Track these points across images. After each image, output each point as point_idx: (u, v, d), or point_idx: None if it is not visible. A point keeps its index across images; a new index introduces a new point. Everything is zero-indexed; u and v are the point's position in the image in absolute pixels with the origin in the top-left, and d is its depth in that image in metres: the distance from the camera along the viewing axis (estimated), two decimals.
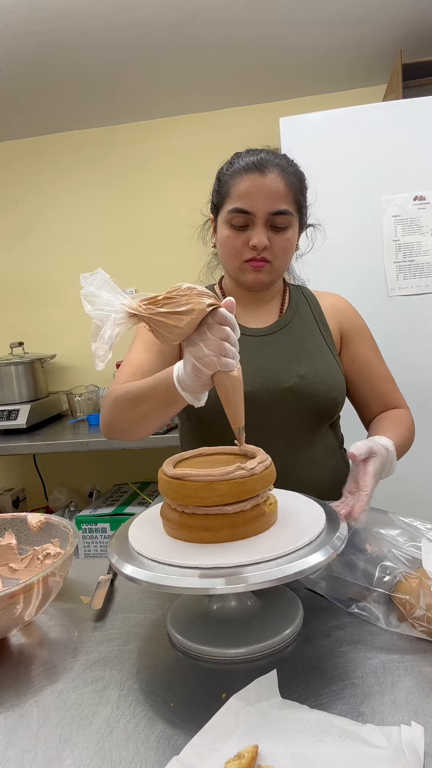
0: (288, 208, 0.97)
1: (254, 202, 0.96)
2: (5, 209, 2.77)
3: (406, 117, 1.76)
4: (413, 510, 0.95)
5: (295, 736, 0.54)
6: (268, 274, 1.02)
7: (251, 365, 1.02)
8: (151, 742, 0.56)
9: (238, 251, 1.00)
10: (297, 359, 1.03)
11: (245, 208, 0.96)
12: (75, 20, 1.85)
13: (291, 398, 1.00)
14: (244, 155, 1.01)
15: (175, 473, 0.69)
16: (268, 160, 0.97)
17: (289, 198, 0.98)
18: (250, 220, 0.97)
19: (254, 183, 0.96)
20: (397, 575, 0.73)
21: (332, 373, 1.04)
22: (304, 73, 2.32)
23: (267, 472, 0.70)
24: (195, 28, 1.95)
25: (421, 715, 0.56)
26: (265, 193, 0.96)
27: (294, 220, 1.00)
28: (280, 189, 0.96)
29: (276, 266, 1.01)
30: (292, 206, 0.99)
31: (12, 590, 0.67)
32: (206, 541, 0.68)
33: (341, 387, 1.05)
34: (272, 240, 0.98)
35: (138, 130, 2.65)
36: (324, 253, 1.85)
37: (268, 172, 0.96)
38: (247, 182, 0.96)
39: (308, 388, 1.01)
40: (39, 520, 0.91)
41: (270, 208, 0.96)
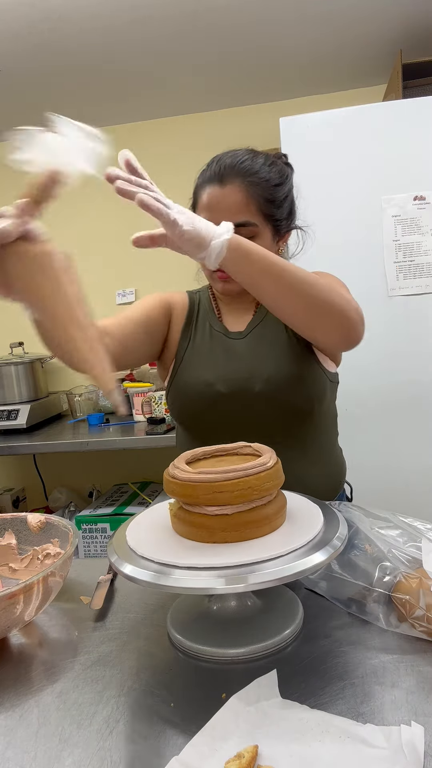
0: (249, 219, 0.95)
1: (214, 215, 0.94)
2: None
3: (406, 117, 1.76)
4: (413, 510, 0.95)
5: (295, 736, 0.54)
6: (236, 283, 0.97)
7: (233, 366, 1.04)
8: (151, 742, 0.56)
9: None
10: (266, 361, 1.03)
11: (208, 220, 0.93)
12: (75, 20, 1.85)
13: (262, 401, 1.01)
14: (213, 161, 0.98)
15: (180, 472, 0.69)
16: (229, 170, 0.94)
17: (251, 208, 0.95)
18: None
19: (213, 195, 0.94)
20: (397, 575, 0.73)
21: (300, 371, 1.03)
22: (304, 73, 2.32)
23: (272, 472, 0.70)
24: (195, 28, 1.95)
25: (421, 715, 0.56)
26: (224, 206, 0.94)
27: (260, 230, 0.97)
28: (239, 201, 0.94)
29: None
30: (256, 216, 0.96)
31: (12, 590, 0.67)
32: (212, 541, 0.68)
33: (312, 382, 1.04)
34: None
35: (138, 130, 2.65)
36: (324, 253, 1.86)
37: (227, 183, 0.94)
38: (208, 194, 0.95)
39: (276, 390, 1.01)
40: (39, 520, 0.91)
41: (229, 221, 0.90)
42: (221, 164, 0.96)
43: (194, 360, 1.08)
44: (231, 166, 0.95)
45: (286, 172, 1.03)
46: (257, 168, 0.96)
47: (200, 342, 1.10)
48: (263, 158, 0.99)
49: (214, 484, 0.66)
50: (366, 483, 1.85)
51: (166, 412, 2.24)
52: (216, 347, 1.08)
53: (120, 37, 1.97)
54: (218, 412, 1.04)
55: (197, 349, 1.09)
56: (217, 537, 0.68)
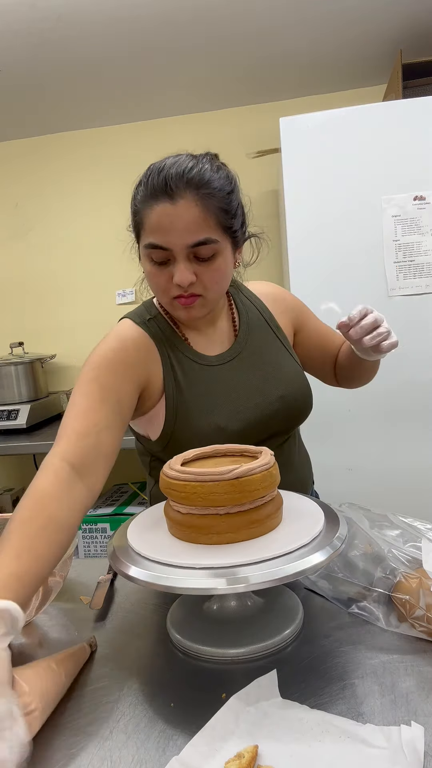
0: (210, 235, 0.83)
1: (169, 237, 0.82)
2: (5, 209, 2.77)
3: (406, 117, 1.76)
4: (413, 510, 0.95)
5: (295, 736, 0.54)
6: (201, 308, 0.90)
7: (225, 399, 0.93)
8: (151, 742, 0.56)
9: (164, 288, 0.87)
10: (271, 379, 0.98)
11: (160, 243, 0.83)
12: (75, 20, 1.85)
13: (276, 420, 0.97)
14: (155, 173, 0.84)
15: (177, 473, 0.69)
16: (178, 181, 0.81)
17: (209, 223, 0.83)
18: (170, 255, 0.84)
19: (165, 214, 0.81)
20: (397, 575, 0.73)
21: (301, 379, 1.02)
22: (304, 73, 2.32)
23: (267, 473, 0.70)
24: (195, 28, 1.95)
25: (421, 715, 0.56)
26: (180, 225, 0.81)
27: (221, 246, 0.85)
28: (197, 217, 0.81)
29: (210, 298, 0.89)
30: (215, 231, 0.84)
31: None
32: (208, 542, 0.68)
33: (308, 386, 1.04)
34: (199, 273, 0.85)
35: (138, 130, 2.65)
36: (324, 253, 1.86)
37: (179, 199, 0.81)
38: (157, 214, 0.82)
39: (290, 405, 0.98)
40: None
41: (187, 241, 0.82)
42: (166, 176, 0.82)
43: (192, 406, 0.93)
44: (179, 178, 0.81)
45: (233, 176, 0.91)
46: (207, 176, 0.83)
47: (188, 383, 0.94)
48: (208, 163, 0.86)
49: (209, 484, 0.66)
50: (366, 483, 1.85)
51: None
52: (209, 383, 0.95)
53: (120, 37, 1.97)
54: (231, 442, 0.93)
55: (189, 393, 0.93)
56: (211, 538, 0.68)
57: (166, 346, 0.96)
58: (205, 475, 0.67)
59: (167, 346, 0.96)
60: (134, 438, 1.07)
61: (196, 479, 0.67)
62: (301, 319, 1.10)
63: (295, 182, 1.83)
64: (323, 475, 1.92)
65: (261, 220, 1.12)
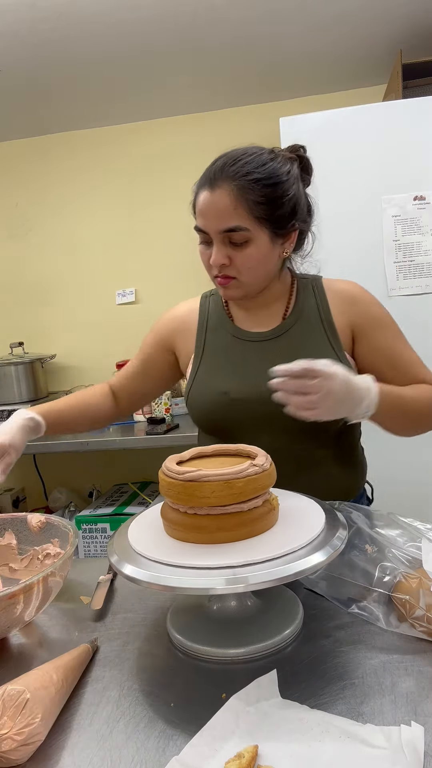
0: (240, 223, 0.90)
1: (206, 221, 0.93)
2: (5, 209, 2.77)
3: (406, 117, 1.76)
4: (413, 510, 0.95)
5: (295, 736, 0.54)
6: (236, 289, 0.98)
7: (247, 371, 1.00)
8: (151, 742, 0.56)
9: (207, 267, 0.98)
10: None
11: (201, 227, 0.94)
12: (75, 20, 1.85)
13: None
14: (210, 165, 0.95)
15: (173, 473, 0.69)
16: (220, 173, 0.91)
17: (240, 212, 0.90)
18: (209, 237, 0.94)
19: (205, 201, 0.92)
20: (397, 575, 0.73)
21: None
22: (304, 73, 2.32)
23: (265, 474, 0.70)
24: (195, 28, 1.95)
25: (421, 715, 0.56)
26: (214, 211, 0.91)
27: (254, 234, 0.92)
28: (228, 205, 0.90)
29: (244, 281, 0.96)
30: (247, 220, 0.91)
31: (12, 590, 0.67)
32: (203, 542, 0.68)
33: None
34: (233, 256, 0.94)
35: (138, 130, 2.65)
36: (324, 253, 1.85)
37: (217, 188, 0.90)
38: (200, 200, 0.93)
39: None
40: (39, 520, 0.91)
41: (219, 227, 0.91)
42: (214, 167, 0.93)
43: (208, 369, 1.05)
44: (221, 169, 0.92)
45: (288, 168, 0.95)
46: (249, 168, 0.91)
47: (214, 350, 1.06)
48: (265, 155, 0.94)
49: (207, 484, 0.66)
50: None
51: (166, 412, 2.24)
52: (232, 353, 1.04)
53: (120, 37, 1.97)
54: (238, 418, 1.00)
55: (211, 359, 1.06)
56: (207, 538, 0.68)
57: (209, 318, 1.10)
58: (203, 476, 0.67)
59: (210, 318, 1.10)
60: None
61: (194, 479, 0.67)
62: (365, 328, 1.04)
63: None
64: None
65: None
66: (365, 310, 1.05)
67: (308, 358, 0.96)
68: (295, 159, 0.99)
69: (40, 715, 0.55)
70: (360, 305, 1.06)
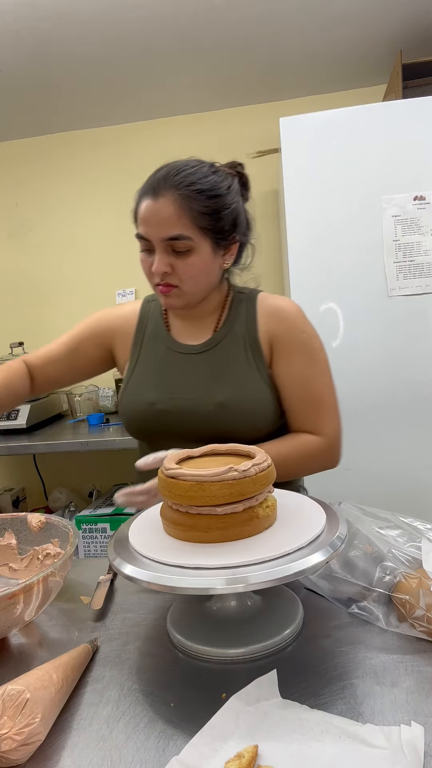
0: (183, 232, 0.92)
1: (149, 228, 0.93)
2: (5, 209, 2.77)
3: (406, 117, 1.76)
4: (413, 510, 0.95)
5: (295, 736, 0.54)
6: (178, 298, 0.99)
7: (176, 383, 1.03)
8: (151, 742, 0.56)
9: (149, 275, 0.98)
10: (220, 383, 1.01)
11: (143, 234, 0.95)
12: (75, 20, 1.85)
13: (211, 424, 1.00)
14: (153, 173, 0.96)
15: (170, 471, 0.69)
16: (163, 182, 0.92)
17: (184, 222, 0.92)
18: (152, 245, 0.95)
19: (148, 208, 0.93)
20: (397, 575, 0.73)
21: (254, 399, 1.00)
22: (304, 73, 2.32)
23: (263, 474, 0.70)
24: (195, 28, 1.95)
25: (421, 715, 0.56)
26: (157, 219, 0.92)
27: (196, 243, 0.93)
28: (172, 214, 0.91)
29: (186, 290, 0.97)
30: (190, 229, 0.92)
31: (12, 590, 0.67)
32: (197, 541, 0.68)
33: (264, 413, 1.01)
34: (175, 265, 0.95)
35: (138, 130, 2.65)
36: (324, 253, 1.86)
37: (160, 196, 0.92)
38: (143, 208, 0.94)
39: (228, 417, 0.99)
40: (39, 520, 0.91)
41: (163, 235, 0.92)
42: (157, 176, 0.94)
43: (140, 378, 1.06)
44: (165, 178, 0.93)
45: (229, 182, 0.98)
46: (193, 179, 0.92)
47: (147, 358, 1.08)
48: (206, 168, 0.96)
49: (209, 484, 0.66)
50: (366, 483, 1.85)
51: None
52: (163, 363, 1.06)
53: (120, 37, 1.97)
54: (164, 428, 1.03)
55: (143, 367, 1.07)
56: (208, 537, 0.68)
57: (148, 324, 1.11)
58: (191, 474, 0.67)
59: (148, 325, 1.11)
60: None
61: (183, 478, 0.67)
62: (283, 348, 1.03)
63: (295, 182, 1.83)
64: (323, 474, 1.92)
65: (261, 220, 1.13)
66: (288, 332, 1.03)
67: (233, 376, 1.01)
68: (235, 175, 1.01)
69: (40, 715, 0.55)
70: (285, 324, 1.04)
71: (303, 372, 1.03)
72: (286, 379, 1.03)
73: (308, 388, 1.03)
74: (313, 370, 1.03)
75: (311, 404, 1.03)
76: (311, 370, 1.03)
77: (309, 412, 1.03)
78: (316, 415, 1.03)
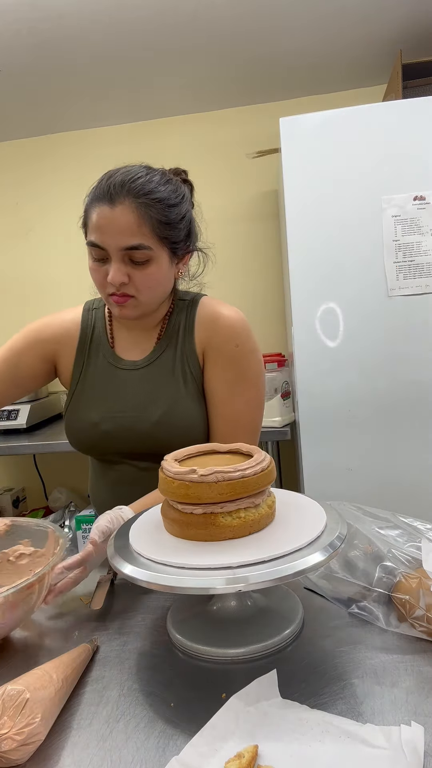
0: (143, 242, 0.89)
1: (105, 237, 0.89)
2: (5, 209, 2.77)
3: (406, 117, 1.76)
4: (413, 510, 0.95)
5: (295, 736, 0.54)
6: (134, 308, 0.96)
7: (118, 402, 1.02)
8: (151, 742, 0.56)
9: (101, 284, 0.95)
10: (156, 401, 1.00)
11: (98, 242, 0.90)
12: (75, 20, 1.85)
13: (150, 440, 1.00)
14: (105, 179, 0.92)
15: (169, 470, 0.70)
16: (120, 189, 0.88)
17: (144, 230, 0.89)
18: (107, 254, 0.91)
19: (104, 216, 0.88)
20: (397, 575, 0.73)
21: (187, 415, 1.00)
22: (304, 73, 2.32)
23: (262, 474, 0.70)
24: (195, 28, 1.95)
25: (421, 715, 0.56)
26: (115, 228, 0.88)
27: (155, 253, 0.91)
28: (131, 222, 0.88)
29: (142, 300, 0.95)
30: (150, 239, 0.90)
31: (29, 580, 0.70)
32: (196, 539, 0.68)
33: (198, 429, 1.01)
34: (132, 275, 0.92)
35: (138, 130, 2.65)
36: (324, 253, 1.86)
37: (118, 204, 0.88)
38: (98, 215, 0.89)
39: (161, 433, 0.99)
40: (5, 523, 0.91)
41: (121, 244, 0.89)
42: (112, 182, 0.90)
43: (84, 396, 1.05)
44: (122, 185, 0.89)
45: (183, 191, 0.97)
46: (151, 187, 0.90)
47: (91, 374, 1.05)
48: (159, 176, 0.94)
49: (213, 484, 0.66)
50: (366, 483, 1.85)
51: None
52: (106, 380, 1.04)
53: (120, 37, 1.97)
54: (107, 445, 1.04)
55: (88, 384, 1.05)
56: (209, 535, 0.68)
57: (93, 336, 1.07)
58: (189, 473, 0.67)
59: (93, 336, 1.07)
60: None
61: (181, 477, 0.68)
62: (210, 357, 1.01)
63: (295, 182, 1.83)
64: (323, 474, 1.92)
65: (261, 220, 1.13)
66: (221, 343, 1.00)
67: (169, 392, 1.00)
68: (183, 182, 1.00)
69: (40, 715, 0.55)
70: (219, 335, 1.00)
71: (224, 387, 0.99)
72: (208, 391, 1.01)
73: (227, 405, 1.00)
74: (237, 388, 0.99)
75: (226, 422, 1.00)
76: (235, 388, 0.99)
77: (223, 430, 1.00)
78: (231, 435, 0.99)
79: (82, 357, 1.06)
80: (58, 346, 1.08)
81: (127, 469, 1.07)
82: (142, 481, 1.03)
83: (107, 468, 1.10)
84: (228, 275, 2.49)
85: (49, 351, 1.07)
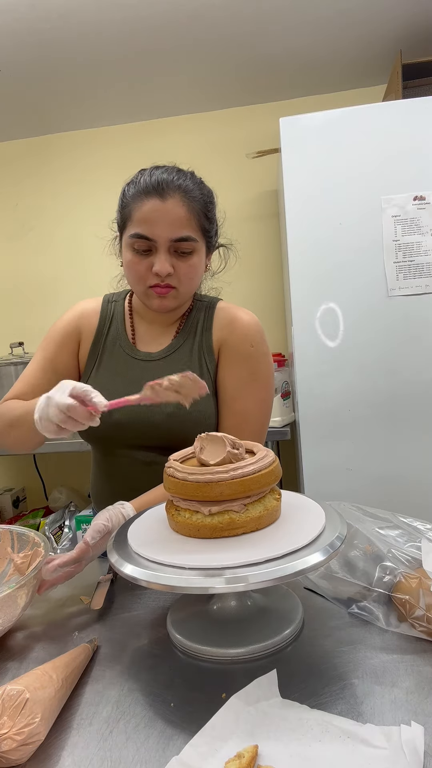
0: (191, 234, 0.95)
1: (155, 228, 0.93)
2: (5, 209, 2.77)
3: (406, 117, 1.76)
4: (413, 510, 0.95)
5: (295, 736, 0.54)
6: (173, 299, 1.00)
7: (120, 389, 1.01)
8: (151, 742, 0.56)
9: (142, 276, 0.97)
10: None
11: (146, 234, 0.93)
12: (75, 20, 1.85)
13: (162, 431, 1.01)
14: (147, 174, 0.96)
15: (173, 470, 0.70)
16: (169, 183, 0.93)
17: (192, 223, 0.95)
18: (153, 245, 0.94)
19: (154, 208, 0.92)
20: (397, 575, 0.73)
21: (201, 408, 1.00)
22: (304, 73, 2.32)
23: (267, 471, 0.70)
24: (195, 28, 1.95)
25: (421, 715, 0.56)
26: (167, 219, 0.92)
27: (199, 245, 0.97)
28: (182, 215, 0.93)
29: (182, 291, 0.99)
30: (195, 231, 0.96)
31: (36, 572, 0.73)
32: (203, 536, 0.68)
33: (210, 421, 1.02)
34: (176, 266, 0.96)
35: (138, 130, 2.65)
36: (324, 253, 1.86)
37: (168, 197, 0.92)
38: (148, 207, 0.93)
39: (174, 425, 1.00)
40: None
41: (172, 235, 0.93)
42: (157, 178, 0.94)
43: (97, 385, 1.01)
44: (170, 180, 0.94)
45: (211, 190, 1.03)
46: (192, 185, 0.96)
47: (107, 364, 1.07)
48: (190, 176, 0.98)
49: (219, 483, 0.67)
50: (366, 483, 1.85)
51: None
52: (122, 370, 1.05)
53: (120, 37, 1.97)
54: (118, 436, 1.04)
55: (102, 373, 1.06)
56: (211, 533, 0.68)
57: (110, 327, 1.09)
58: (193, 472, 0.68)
59: (110, 328, 1.09)
60: None
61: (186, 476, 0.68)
62: (225, 356, 1.04)
63: (295, 182, 1.83)
64: (323, 474, 1.92)
65: (261, 220, 1.14)
66: (237, 342, 1.03)
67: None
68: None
69: (40, 715, 0.55)
70: (236, 334, 1.04)
71: (238, 384, 1.02)
72: (222, 387, 1.04)
73: (237, 401, 1.02)
74: (249, 387, 1.03)
75: (236, 418, 1.03)
76: (247, 386, 1.02)
77: (232, 426, 1.02)
78: (238, 431, 1.01)
79: (97, 347, 1.08)
80: (81, 335, 1.10)
81: (131, 463, 1.07)
82: (146, 475, 1.03)
83: (110, 462, 1.10)
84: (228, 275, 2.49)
85: (77, 342, 1.10)
